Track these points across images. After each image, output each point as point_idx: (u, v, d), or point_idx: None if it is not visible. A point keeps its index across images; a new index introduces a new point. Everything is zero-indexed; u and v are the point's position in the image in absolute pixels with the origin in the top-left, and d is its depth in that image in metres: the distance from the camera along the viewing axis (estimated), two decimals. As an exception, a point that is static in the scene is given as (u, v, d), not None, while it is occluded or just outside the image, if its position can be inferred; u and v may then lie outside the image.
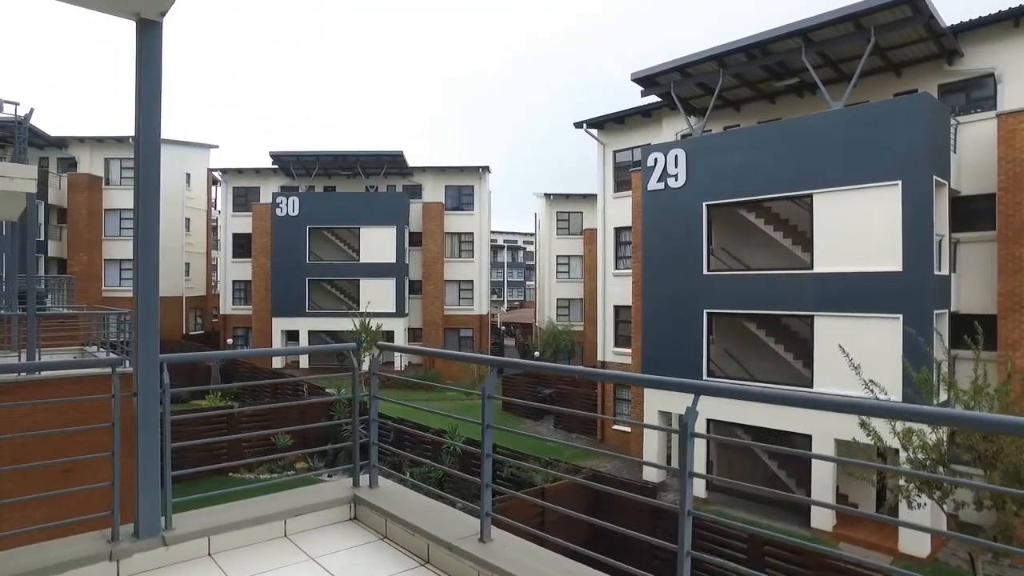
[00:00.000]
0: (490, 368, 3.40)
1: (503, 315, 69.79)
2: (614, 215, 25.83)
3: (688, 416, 2.71)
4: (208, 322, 45.96)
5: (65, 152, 39.15)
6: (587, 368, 2.94)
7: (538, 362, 3.94)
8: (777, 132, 16.24)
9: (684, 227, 18.34)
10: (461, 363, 32.30)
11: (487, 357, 3.50)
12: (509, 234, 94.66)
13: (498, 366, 3.40)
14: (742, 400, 2.72)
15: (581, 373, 2.99)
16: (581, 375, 2.86)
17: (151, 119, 3.37)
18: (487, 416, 3.32)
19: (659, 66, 18.93)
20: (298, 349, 5.54)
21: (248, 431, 18.51)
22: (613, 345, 25.84)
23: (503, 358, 3.42)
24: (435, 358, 38.97)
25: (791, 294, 15.93)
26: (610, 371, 2.61)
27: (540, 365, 2.94)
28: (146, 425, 3.35)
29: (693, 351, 18.07)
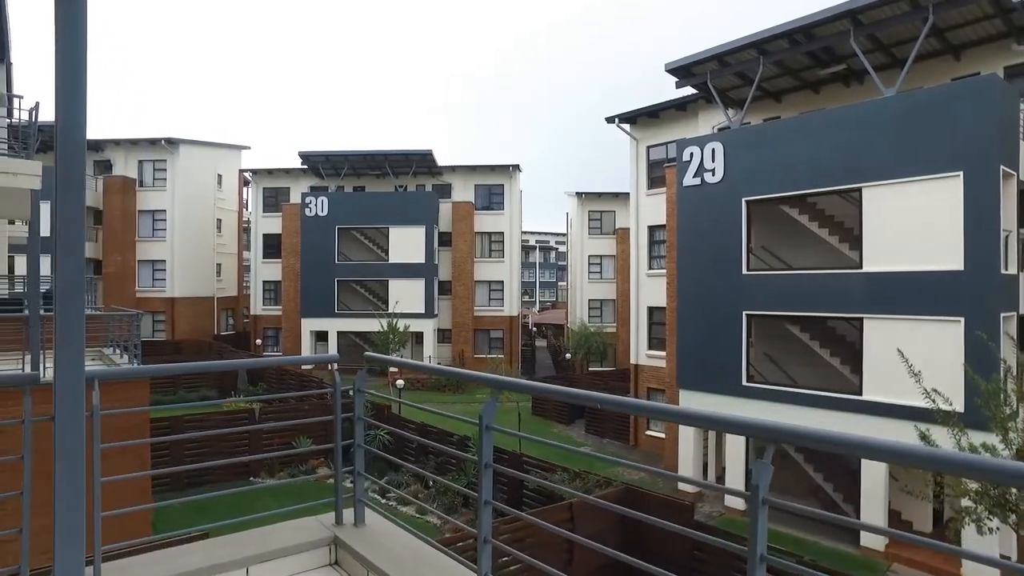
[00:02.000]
0: (490, 392, 2.69)
1: (535, 316, 69.08)
2: (648, 213, 24.93)
3: (759, 473, 1.96)
4: (240, 322, 46.15)
5: (101, 155, 39.61)
6: (619, 398, 2.18)
7: (545, 385, 3.22)
8: (823, 122, 15.18)
9: (721, 224, 17.39)
10: (490, 364, 31.71)
11: (485, 376, 2.80)
12: (541, 234, 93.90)
13: (497, 387, 2.70)
14: (817, 445, 1.94)
15: (606, 402, 2.28)
16: (606, 405, 2.08)
17: (74, 102, 2.72)
18: (485, 452, 2.61)
19: (695, 55, 18.01)
20: (280, 359, 4.84)
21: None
22: (647, 348, 24.93)
23: (504, 378, 2.71)
24: (462, 359, 38.45)
25: (838, 295, 14.88)
26: (656, 404, 2.05)
27: (553, 390, 2.11)
28: (65, 456, 2.71)
29: (731, 355, 17.12)
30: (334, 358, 3.63)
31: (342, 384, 3.67)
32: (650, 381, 24.64)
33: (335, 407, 3.58)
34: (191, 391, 26.91)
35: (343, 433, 3.60)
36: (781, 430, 1.99)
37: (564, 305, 62.16)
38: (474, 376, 2.88)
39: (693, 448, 19.05)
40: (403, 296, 36.24)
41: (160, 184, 39.40)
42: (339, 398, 3.57)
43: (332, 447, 3.66)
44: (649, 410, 2.22)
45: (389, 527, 3.58)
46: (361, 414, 3.59)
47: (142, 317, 10.94)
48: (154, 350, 33.43)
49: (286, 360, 3.56)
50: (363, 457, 3.59)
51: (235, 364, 6.89)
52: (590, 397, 2.37)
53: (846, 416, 14.43)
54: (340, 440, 3.61)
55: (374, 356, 3.62)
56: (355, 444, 3.60)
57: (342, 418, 3.63)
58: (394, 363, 3.48)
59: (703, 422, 2.25)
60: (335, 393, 3.60)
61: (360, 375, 3.59)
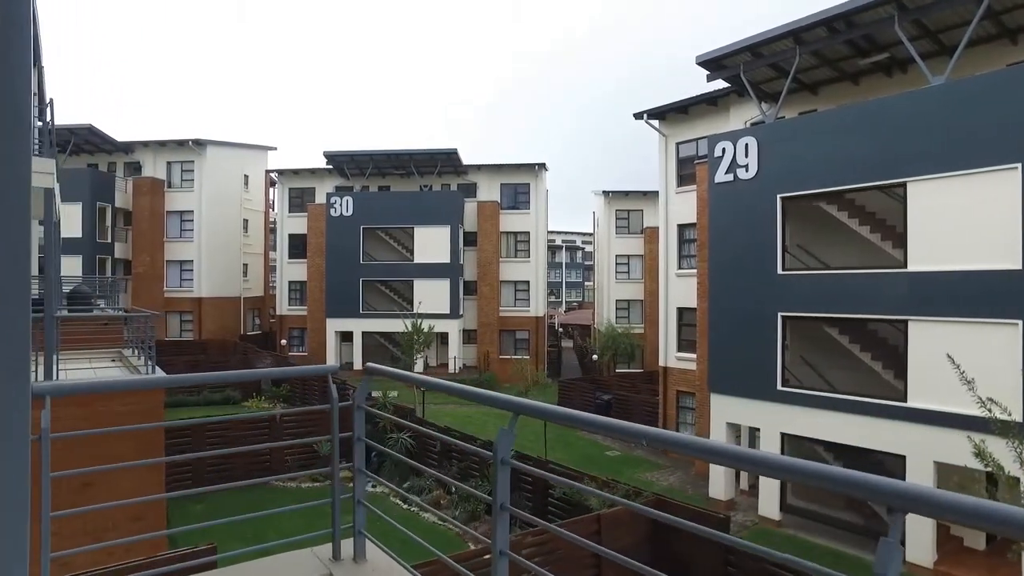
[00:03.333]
0: (512, 416, 2.22)
1: (561, 316, 68.46)
2: (677, 211, 24.25)
3: (886, 556, 1.44)
4: (266, 322, 46.36)
5: (131, 156, 40.03)
6: (671, 434, 1.66)
7: (571, 412, 2.87)
8: (865, 114, 14.42)
9: (755, 222, 16.71)
10: (516, 365, 31.19)
11: (502, 397, 2.32)
12: (567, 234, 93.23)
13: (515, 411, 2.22)
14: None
15: (655, 440, 1.77)
16: (654, 443, 1.55)
17: (18, 90, 2.29)
18: (500, 490, 2.14)
19: (727, 46, 17.34)
20: (269, 372, 4.17)
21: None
22: (676, 350, 24.24)
23: (523, 401, 2.23)
24: (487, 360, 38.03)
25: (880, 296, 14.12)
26: (726, 446, 1.65)
27: (584, 419, 1.71)
28: (4, 489, 2.29)
29: (765, 358, 16.43)
30: (332, 369, 3.19)
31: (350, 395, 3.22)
32: (680, 384, 23.95)
33: (332, 427, 3.13)
34: (216, 391, 26.90)
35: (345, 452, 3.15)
36: (916, 495, 1.46)
37: (591, 305, 61.43)
38: (487, 397, 2.41)
39: (725, 454, 18.34)
40: (428, 296, 35.95)
41: (188, 185, 39.68)
42: (336, 417, 3.13)
43: (330, 470, 3.21)
44: (717, 453, 1.70)
45: (391, 564, 3.13)
46: (361, 434, 3.14)
47: (156, 318, 10.66)
48: (181, 350, 33.62)
49: (277, 372, 3.17)
50: (363, 483, 3.14)
51: (223, 376, 6.27)
52: (631, 431, 1.87)
53: (890, 424, 13.69)
54: (338, 464, 3.16)
55: (376, 368, 3.17)
56: (355, 468, 3.15)
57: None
58: (398, 376, 3.03)
59: (799, 475, 1.67)
60: (332, 410, 3.15)
61: (360, 388, 3.15)
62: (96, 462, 9.05)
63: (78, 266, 34.56)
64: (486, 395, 2.40)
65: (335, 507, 3.16)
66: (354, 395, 3.14)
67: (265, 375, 3.24)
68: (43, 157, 9.43)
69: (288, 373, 3.36)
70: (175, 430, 16.42)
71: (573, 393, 29.44)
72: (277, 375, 3.33)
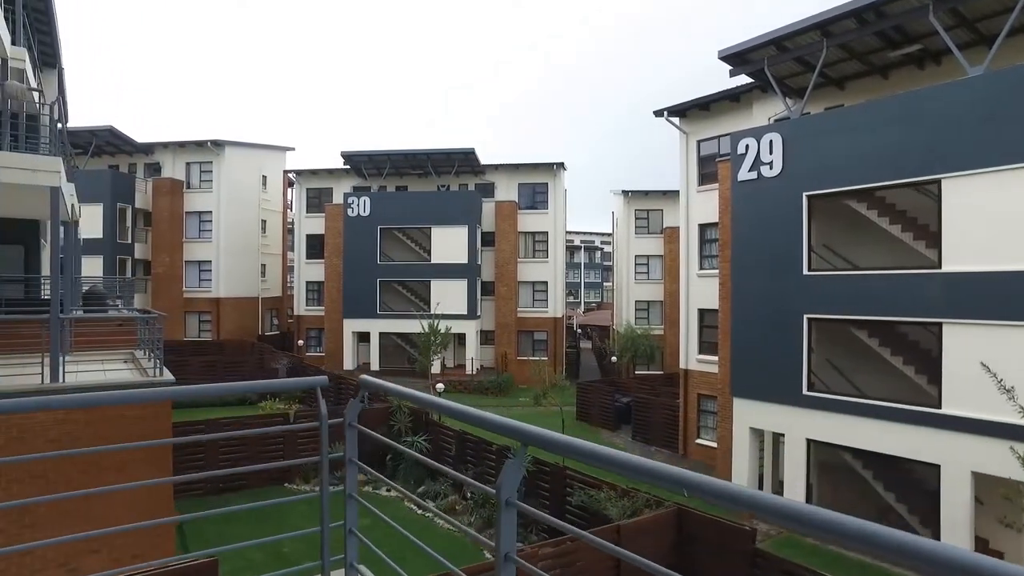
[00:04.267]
0: (520, 447, 1.86)
1: (580, 317, 67.96)
2: (698, 211, 23.74)
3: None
4: (284, 323, 46.44)
5: (151, 158, 40.26)
6: (719, 483, 1.24)
7: (591, 446, 2.49)
8: (897, 107, 13.83)
9: (780, 221, 16.19)
10: (534, 367, 30.76)
11: (508, 425, 1.96)
12: (586, 234, 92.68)
13: (523, 440, 1.87)
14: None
15: (697, 489, 1.37)
16: (694, 492, 1.14)
17: None
18: (504, 538, 1.78)
19: (750, 40, 16.83)
20: (253, 386, 3.64)
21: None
22: (697, 352, 23.73)
23: (532, 430, 1.86)
24: (505, 361, 37.69)
25: (912, 297, 13.55)
26: (802, 506, 1.18)
27: (611, 458, 1.35)
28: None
29: (790, 361, 15.91)
30: (321, 382, 2.85)
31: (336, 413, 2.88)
32: (701, 387, 23.43)
33: (321, 448, 2.80)
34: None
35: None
36: None
37: (609, 306, 60.84)
38: (492, 424, 2.04)
39: (748, 460, 17.81)
40: (445, 297, 35.71)
41: (207, 186, 39.84)
42: (326, 436, 2.79)
43: (319, 494, 2.87)
44: (779, 514, 1.29)
45: (387, 604, 2.79)
46: (353, 455, 2.80)
47: (164, 319, 10.45)
48: (199, 350, 33.70)
49: (261, 386, 2.88)
50: (355, 510, 2.80)
51: (203, 390, 5.74)
52: (668, 477, 1.47)
53: (922, 431, 13.12)
54: (327, 489, 2.82)
55: (369, 381, 2.83)
56: (346, 494, 2.81)
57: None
58: (393, 391, 2.68)
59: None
60: (322, 428, 2.81)
61: (352, 405, 2.81)
62: (100, 468, 8.83)
63: (99, 266, 34.81)
64: (490, 421, 2.04)
65: (324, 537, 2.82)
66: (345, 412, 2.80)
67: (249, 388, 2.91)
68: (49, 156, 9.22)
69: (273, 387, 3.03)
70: (187, 432, 16.27)
71: (592, 396, 28.98)
72: (262, 388, 2.99)
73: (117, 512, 9.55)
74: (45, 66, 21.14)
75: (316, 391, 2.85)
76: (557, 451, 1.79)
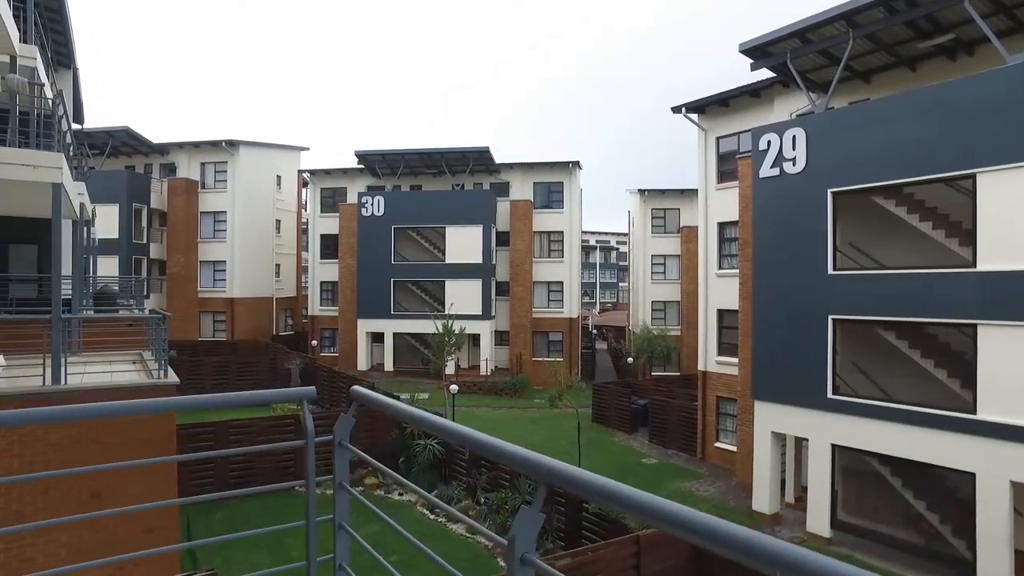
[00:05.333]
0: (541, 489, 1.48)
1: (595, 317, 67.43)
2: (717, 209, 23.20)
3: None
4: (299, 323, 46.37)
5: (166, 158, 40.32)
6: (811, 556, 0.83)
7: (631, 492, 2.34)
8: (930, 99, 13.24)
9: (803, 219, 15.67)
10: (549, 368, 30.31)
11: (525, 457, 1.55)
12: (602, 234, 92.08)
13: (545, 480, 1.48)
14: None
15: (790, 567, 0.98)
16: (789, 572, 0.74)
17: None
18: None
19: (773, 32, 16.31)
20: (239, 399, 3.18)
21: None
22: (716, 353, 23.17)
23: (554, 466, 1.46)
24: (520, 362, 37.30)
25: (944, 298, 12.98)
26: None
27: (666, 512, 1.18)
28: None
29: (814, 364, 15.38)
30: (307, 394, 2.48)
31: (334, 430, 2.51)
32: (720, 390, 22.89)
33: (307, 472, 2.43)
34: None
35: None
36: None
37: (625, 306, 60.22)
38: (509, 456, 1.63)
39: (769, 465, 17.27)
40: (460, 297, 35.39)
41: (221, 186, 39.81)
42: (312, 459, 2.42)
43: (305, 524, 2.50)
44: None
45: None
46: (344, 479, 2.43)
47: (169, 320, 10.18)
48: (213, 350, 33.63)
49: (247, 398, 2.59)
50: (346, 543, 2.42)
51: (195, 402, 5.15)
52: (754, 551, 1.07)
53: (956, 437, 12.55)
54: (314, 517, 2.45)
55: (362, 393, 2.45)
56: (335, 523, 2.44)
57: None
58: (388, 407, 2.30)
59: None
60: (308, 448, 2.44)
61: (343, 421, 2.43)
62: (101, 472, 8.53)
63: (115, 266, 34.87)
64: (505, 451, 1.63)
65: (311, 574, 2.45)
66: (334, 429, 2.43)
67: (236, 401, 2.55)
68: (51, 152, 8.97)
69: (259, 399, 2.65)
70: (194, 432, 16.04)
71: (608, 397, 28.50)
72: (247, 400, 2.62)
73: (120, 517, 9.30)
74: (60, 66, 21.04)
75: (303, 404, 2.48)
76: (587, 494, 1.41)
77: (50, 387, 8.90)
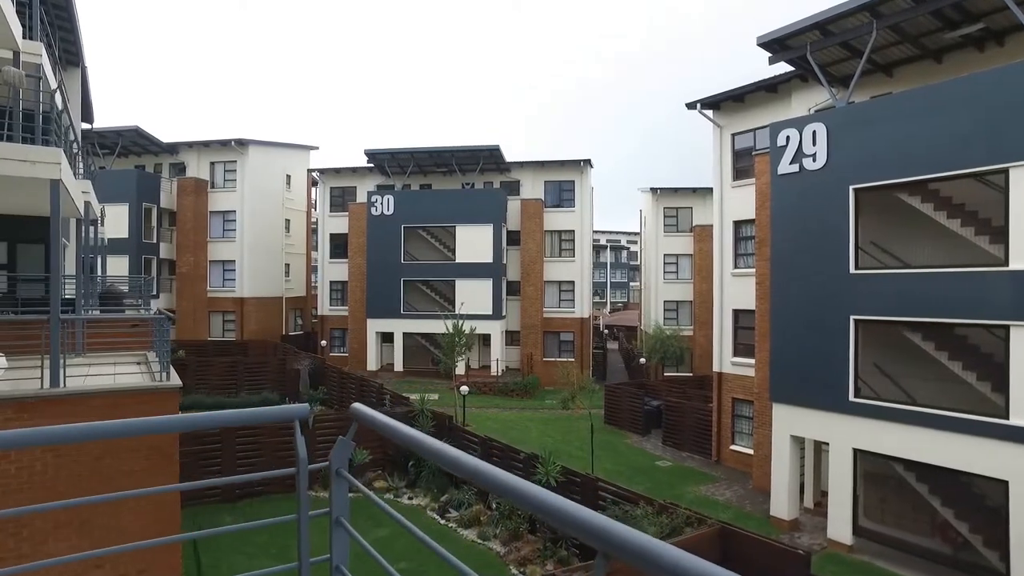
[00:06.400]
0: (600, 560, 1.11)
1: (605, 317, 66.95)
2: (733, 207, 22.72)
3: None
4: (308, 323, 46.17)
5: (176, 157, 40.22)
6: None
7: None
8: (960, 91, 12.73)
9: (823, 217, 15.21)
10: (561, 368, 29.88)
11: (582, 518, 1.16)
12: (612, 233, 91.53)
13: (604, 550, 1.10)
14: None
15: None
16: None
17: None
18: None
19: (792, 25, 15.85)
20: (225, 417, 2.79)
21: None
22: (732, 354, 22.69)
23: (617, 531, 1.08)
24: (531, 362, 36.90)
25: (974, 298, 12.50)
26: None
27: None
28: None
29: (835, 366, 14.93)
30: (300, 413, 2.11)
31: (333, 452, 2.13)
32: (735, 391, 22.41)
33: (299, 502, 2.06)
34: (253, 392, 26.50)
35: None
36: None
37: (636, 306, 59.71)
38: (558, 513, 1.25)
39: (788, 469, 16.80)
40: (470, 297, 35.04)
41: (231, 185, 39.64)
42: (305, 490, 2.06)
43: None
44: None
45: None
46: (343, 514, 2.06)
47: (171, 320, 9.87)
48: (222, 350, 33.44)
49: (232, 418, 2.31)
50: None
51: (169, 422, 4.75)
52: None
53: (986, 443, 12.07)
54: (307, 558, 2.08)
55: (362, 412, 2.09)
56: (331, 564, 2.07)
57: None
58: (393, 433, 1.93)
59: None
60: (299, 477, 2.08)
61: (340, 446, 2.07)
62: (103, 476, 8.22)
63: (125, 266, 34.79)
64: (550, 505, 1.25)
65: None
66: (331, 455, 2.07)
67: (223, 420, 2.19)
68: (50, 147, 8.67)
69: (248, 418, 2.29)
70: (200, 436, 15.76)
71: (620, 398, 28.07)
72: (233, 420, 2.27)
73: (122, 520, 9.02)
74: (68, 65, 20.87)
75: (295, 425, 2.12)
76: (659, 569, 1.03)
77: (48, 390, 8.62)
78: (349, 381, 26.17)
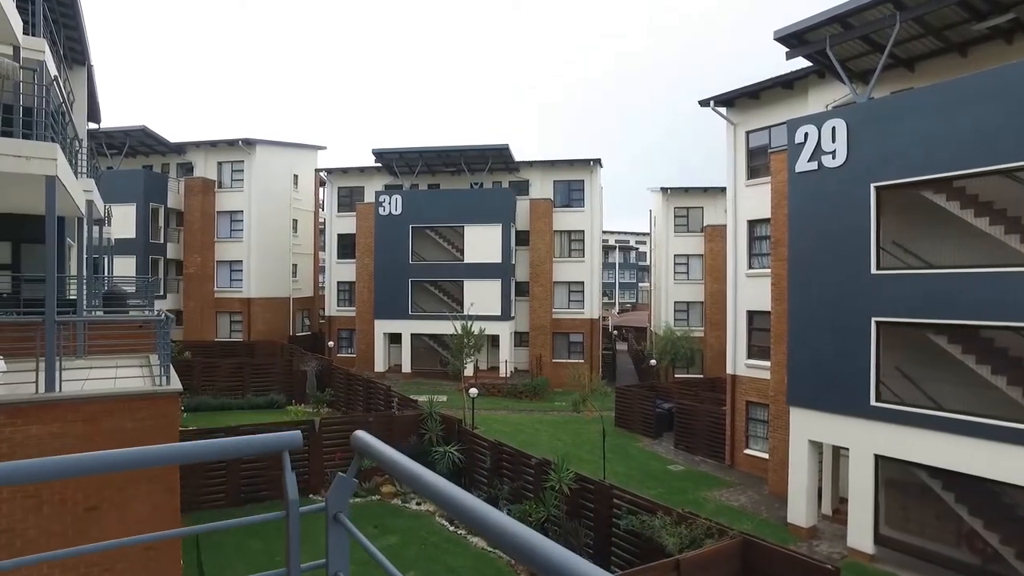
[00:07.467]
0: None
1: (614, 318, 66.46)
2: (747, 206, 22.26)
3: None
4: (316, 323, 45.92)
5: (183, 157, 40.06)
6: None
7: None
8: (990, 84, 12.23)
9: (843, 216, 14.76)
10: (570, 370, 29.49)
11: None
12: (620, 233, 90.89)
13: None
14: None
15: None
16: None
17: None
18: None
19: (811, 18, 15.40)
20: (210, 449, 2.44)
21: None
22: (746, 357, 22.22)
23: None
24: (540, 364, 36.50)
25: (1005, 299, 12.02)
26: None
27: None
28: None
29: (856, 369, 14.47)
30: (291, 442, 1.75)
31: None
32: (750, 394, 21.95)
33: (289, 554, 1.69)
34: (260, 395, 26.20)
35: None
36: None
37: (646, 307, 59.18)
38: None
39: (806, 475, 16.32)
40: (478, 297, 34.66)
41: (238, 185, 39.43)
42: (296, 533, 1.68)
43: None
44: None
45: None
46: (342, 568, 1.68)
47: (171, 322, 9.54)
48: (229, 351, 33.18)
49: (218, 449, 2.07)
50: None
51: (156, 453, 4.50)
52: None
53: (1017, 450, 11.58)
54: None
55: (363, 442, 1.71)
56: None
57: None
58: (396, 470, 1.56)
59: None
60: (289, 523, 1.70)
61: (338, 485, 1.69)
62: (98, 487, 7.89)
63: (132, 266, 34.65)
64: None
65: None
66: (327, 496, 1.69)
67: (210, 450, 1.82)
68: (45, 142, 8.36)
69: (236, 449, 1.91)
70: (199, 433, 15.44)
71: (631, 401, 27.62)
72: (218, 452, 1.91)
73: (119, 535, 8.70)
74: (74, 63, 20.66)
75: (283, 458, 1.74)
76: None
77: (43, 395, 8.30)
78: (356, 383, 25.82)
